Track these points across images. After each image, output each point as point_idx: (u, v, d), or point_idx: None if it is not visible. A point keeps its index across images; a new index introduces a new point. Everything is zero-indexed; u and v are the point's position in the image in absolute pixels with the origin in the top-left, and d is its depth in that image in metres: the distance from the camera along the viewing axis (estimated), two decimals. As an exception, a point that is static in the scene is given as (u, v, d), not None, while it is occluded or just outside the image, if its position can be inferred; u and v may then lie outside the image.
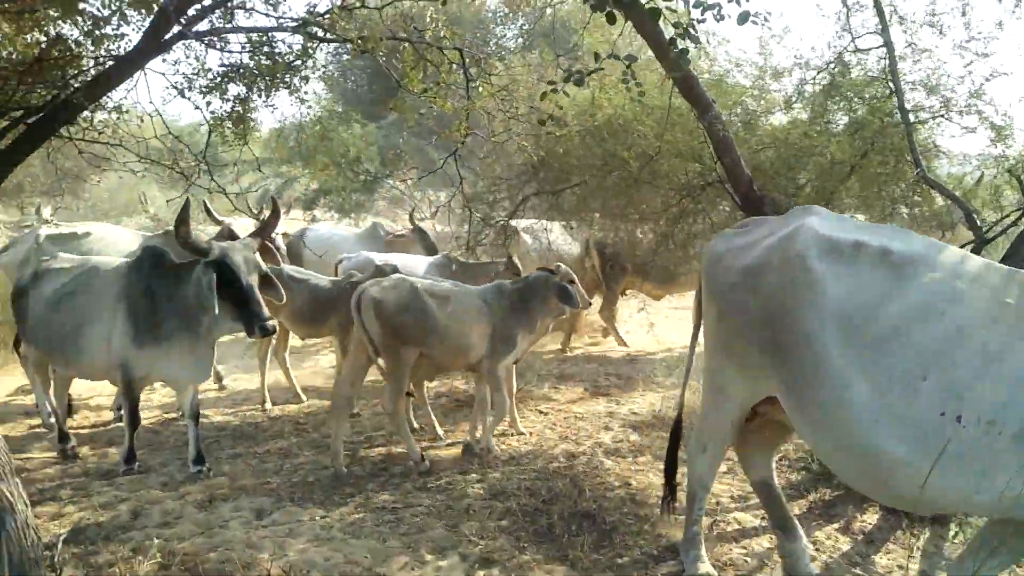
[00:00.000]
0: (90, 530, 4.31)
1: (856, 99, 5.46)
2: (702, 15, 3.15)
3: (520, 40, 10.99)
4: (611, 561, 4.03)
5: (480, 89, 4.72)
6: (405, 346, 5.09)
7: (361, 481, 5.14)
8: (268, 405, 6.87)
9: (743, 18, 3.18)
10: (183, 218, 4.55)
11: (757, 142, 5.27)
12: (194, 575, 3.74)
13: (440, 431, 6.05)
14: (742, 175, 4.68)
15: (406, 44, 4.38)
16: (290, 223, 12.56)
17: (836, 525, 4.53)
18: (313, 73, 4.07)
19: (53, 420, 6.36)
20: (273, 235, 4.88)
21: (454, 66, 4.51)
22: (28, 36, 3.51)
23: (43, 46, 3.53)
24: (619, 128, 5.25)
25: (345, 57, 11.73)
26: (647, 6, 3.06)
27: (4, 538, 3.10)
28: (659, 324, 9.83)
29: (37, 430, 6.31)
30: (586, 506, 4.60)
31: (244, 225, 6.90)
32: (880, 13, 5.17)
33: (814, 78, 5.18)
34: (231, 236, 6.23)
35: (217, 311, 4.62)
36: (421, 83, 4.43)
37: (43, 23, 3.33)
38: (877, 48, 5.41)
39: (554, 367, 8.27)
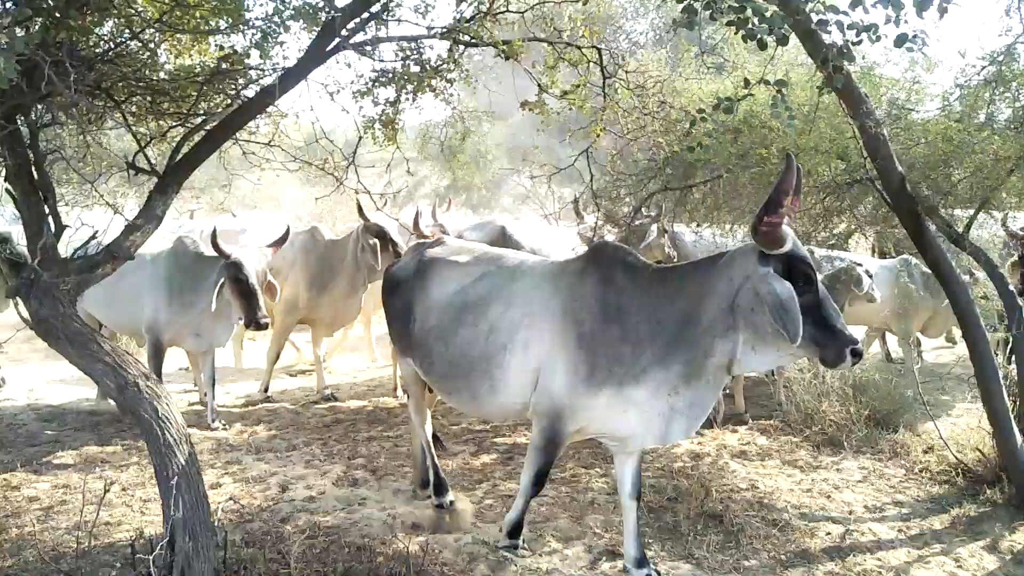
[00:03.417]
0: (245, 500, 4.72)
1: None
2: (857, 36, 3.04)
3: (651, 35, 10.89)
4: (737, 563, 3.99)
5: (617, 89, 4.74)
6: None
7: (488, 468, 5.33)
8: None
9: (900, 41, 3.03)
10: (779, 192, 2.96)
11: (907, 138, 5.00)
12: (337, 547, 4.02)
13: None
14: (894, 173, 4.46)
15: (546, 45, 4.47)
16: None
17: (982, 543, 4.29)
18: (459, 77, 4.25)
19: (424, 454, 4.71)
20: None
21: (591, 64, 4.56)
22: (203, 46, 3.91)
23: (217, 58, 3.91)
24: (757, 124, 5.13)
25: (476, 58, 12.05)
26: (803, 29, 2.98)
27: (181, 502, 3.48)
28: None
29: (196, 406, 6.90)
30: (712, 507, 4.57)
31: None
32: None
33: (980, 71, 4.82)
34: (380, 234, 6.36)
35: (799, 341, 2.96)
36: (561, 87, 4.52)
37: (215, 37, 3.69)
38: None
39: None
